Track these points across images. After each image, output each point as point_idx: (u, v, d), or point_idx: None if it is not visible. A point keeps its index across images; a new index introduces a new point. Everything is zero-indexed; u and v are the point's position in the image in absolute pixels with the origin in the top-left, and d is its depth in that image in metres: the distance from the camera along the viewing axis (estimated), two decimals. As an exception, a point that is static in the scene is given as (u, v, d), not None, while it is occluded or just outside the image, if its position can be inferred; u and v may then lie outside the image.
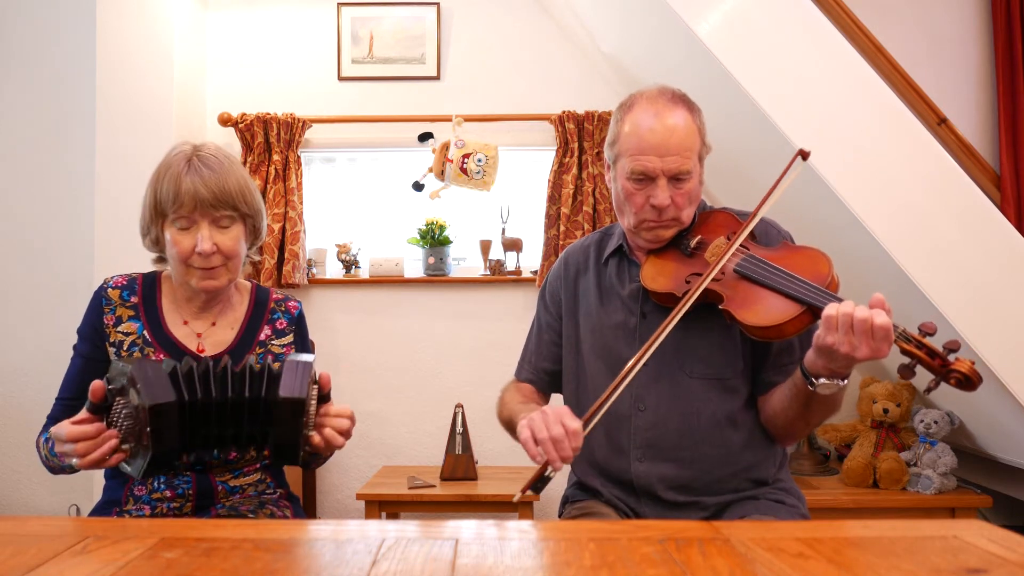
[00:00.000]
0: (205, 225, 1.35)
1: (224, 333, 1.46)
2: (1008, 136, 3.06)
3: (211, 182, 1.34)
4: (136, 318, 1.42)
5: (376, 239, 3.30)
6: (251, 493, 1.44)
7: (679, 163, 1.35)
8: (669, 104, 1.38)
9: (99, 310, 1.41)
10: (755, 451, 1.42)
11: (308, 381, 1.22)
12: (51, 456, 1.29)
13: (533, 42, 3.23)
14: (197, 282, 1.37)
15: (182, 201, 1.33)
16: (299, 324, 1.53)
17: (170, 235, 1.36)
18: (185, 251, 1.35)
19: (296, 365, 1.23)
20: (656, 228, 1.41)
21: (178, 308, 1.45)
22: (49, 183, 3.12)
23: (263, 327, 1.49)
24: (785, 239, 1.45)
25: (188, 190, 1.33)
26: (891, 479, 2.53)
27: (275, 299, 1.53)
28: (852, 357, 1.15)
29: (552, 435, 1.19)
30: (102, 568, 0.76)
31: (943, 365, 1.15)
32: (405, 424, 3.19)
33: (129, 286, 1.44)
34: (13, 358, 3.11)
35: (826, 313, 1.16)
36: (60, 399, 1.41)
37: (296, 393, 1.20)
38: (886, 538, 0.86)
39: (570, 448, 1.19)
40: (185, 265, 1.36)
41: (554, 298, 1.58)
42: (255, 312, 1.50)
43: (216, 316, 1.46)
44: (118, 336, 1.40)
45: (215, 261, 1.36)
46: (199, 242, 1.34)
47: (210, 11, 3.25)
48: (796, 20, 2.19)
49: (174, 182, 1.34)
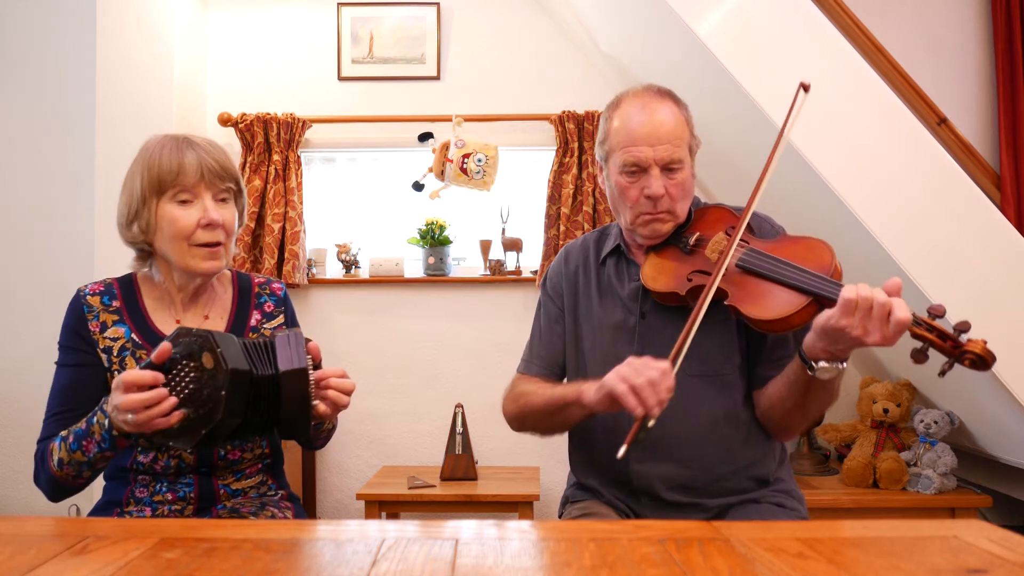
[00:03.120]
0: (208, 197, 1.34)
1: (215, 324, 1.43)
2: (1008, 136, 3.06)
3: (213, 154, 1.35)
4: (121, 322, 1.38)
5: (376, 239, 3.30)
6: (252, 495, 1.44)
7: (670, 151, 1.36)
8: (656, 97, 1.40)
9: (82, 319, 1.37)
10: (754, 448, 1.42)
11: (304, 351, 1.21)
12: (72, 454, 1.23)
13: (533, 42, 3.23)
14: (200, 263, 1.34)
15: (187, 171, 1.31)
16: (286, 304, 1.52)
17: (169, 212, 1.32)
18: (188, 226, 1.32)
19: (288, 337, 1.22)
20: (652, 221, 1.40)
21: (165, 307, 1.42)
22: (49, 183, 3.12)
23: (252, 312, 1.47)
24: (780, 232, 1.44)
25: (192, 161, 1.32)
26: (891, 479, 2.53)
27: (258, 283, 1.51)
28: (862, 342, 1.14)
29: (649, 379, 1.17)
30: (102, 568, 0.76)
31: (956, 347, 1.13)
32: (405, 424, 3.19)
33: (107, 291, 1.41)
34: (13, 358, 3.11)
35: (844, 296, 1.14)
36: (51, 416, 1.34)
37: (296, 364, 1.19)
38: (886, 538, 0.86)
39: (665, 389, 1.18)
40: (187, 244, 1.33)
41: (556, 291, 1.57)
42: (241, 299, 1.48)
43: (205, 308, 1.44)
44: (106, 342, 1.36)
45: (219, 236, 1.34)
46: (207, 211, 1.32)
47: (210, 11, 3.25)
48: (796, 20, 2.19)
49: (175, 155, 1.32)
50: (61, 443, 1.26)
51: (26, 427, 3.12)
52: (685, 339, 1.25)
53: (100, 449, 1.21)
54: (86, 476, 1.27)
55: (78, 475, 1.26)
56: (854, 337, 1.14)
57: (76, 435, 1.23)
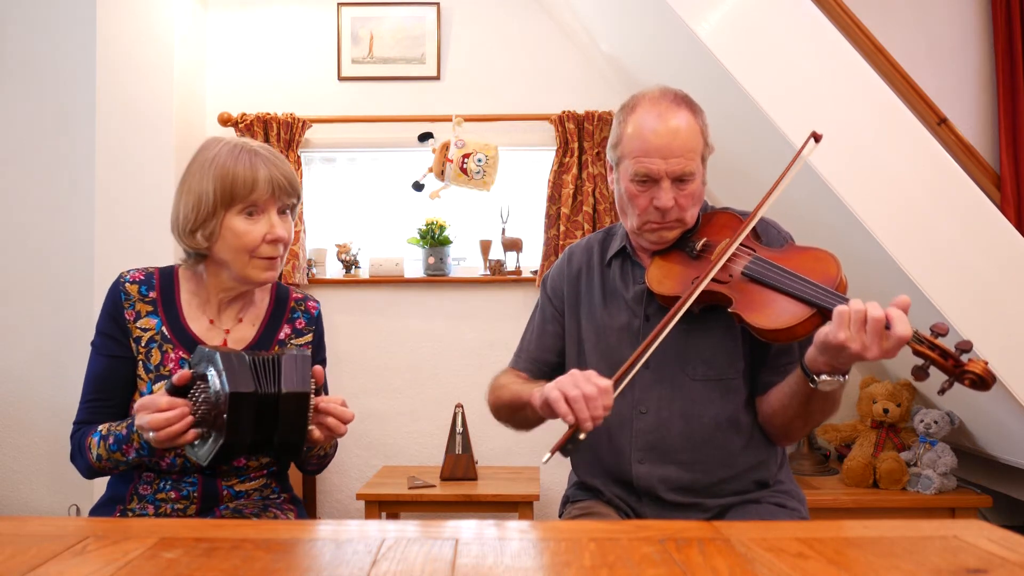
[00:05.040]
0: (274, 212, 1.35)
1: (245, 330, 1.44)
2: (1008, 136, 3.06)
3: (283, 169, 1.36)
4: (155, 314, 1.39)
5: (376, 239, 3.30)
6: (256, 498, 1.44)
7: (683, 165, 1.35)
8: (672, 105, 1.38)
9: (119, 305, 1.38)
10: (756, 452, 1.42)
11: (309, 375, 1.21)
12: (111, 453, 1.28)
13: (533, 42, 3.23)
14: (260, 274, 1.35)
15: (261, 187, 1.32)
16: (318, 324, 1.52)
17: (236, 225, 1.32)
18: (254, 240, 1.33)
19: (296, 359, 1.22)
20: (659, 230, 1.41)
21: (202, 304, 1.42)
22: (49, 183, 3.13)
23: (283, 326, 1.48)
24: (788, 239, 1.45)
25: (265, 176, 1.32)
26: (891, 479, 2.53)
27: (295, 298, 1.51)
28: (862, 357, 1.14)
29: (584, 393, 1.18)
30: (102, 568, 0.76)
31: (956, 366, 1.14)
32: (405, 424, 3.19)
33: (147, 280, 1.41)
34: (13, 358, 3.11)
35: (839, 312, 1.15)
36: (87, 401, 1.38)
37: (299, 387, 1.19)
38: (886, 538, 0.86)
39: (601, 407, 1.19)
40: (250, 256, 1.34)
41: (556, 292, 1.57)
42: (275, 310, 1.48)
43: (241, 312, 1.44)
44: (137, 332, 1.37)
45: (280, 250, 1.36)
46: (273, 228, 1.33)
47: (210, 11, 3.25)
48: (796, 20, 2.19)
49: (249, 169, 1.32)
50: (100, 442, 1.30)
51: (26, 427, 3.12)
52: (640, 355, 1.28)
53: (138, 455, 1.28)
54: (122, 469, 1.34)
55: (115, 468, 1.32)
56: (854, 353, 1.14)
57: (116, 438, 1.28)
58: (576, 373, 1.22)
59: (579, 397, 1.18)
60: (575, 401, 1.18)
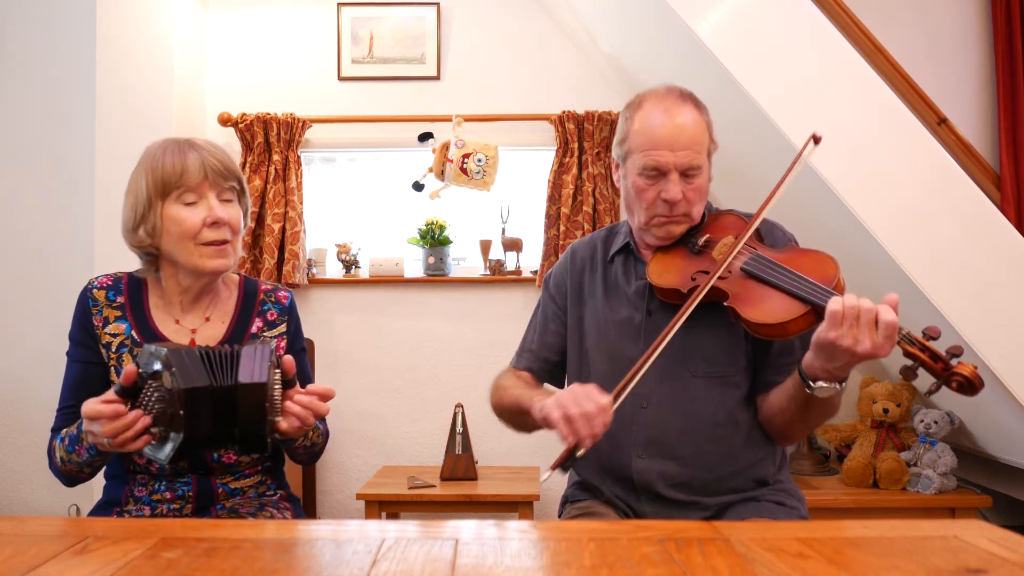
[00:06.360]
0: (212, 197, 1.35)
1: (215, 328, 1.43)
2: (1008, 136, 3.06)
3: (215, 154, 1.36)
4: (123, 319, 1.39)
5: (376, 239, 3.29)
6: (251, 495, 1.44)
7: (690, 157, 1.36)
8: (678, 101, 1.40)
9: (87, 312, 1.39)
10: (755, 450, 1.43)
11: (268, 365, 1.20)
12: (69, 455, 1.28)
13: (533, 42, 3.23)
14: (208, 261, 1.35)
15: (190, 171, 1.32)
16: (291, 314, 1.51)
17: (174, 213, 1.33)
18: (195, 226, 1.33)
19: (255, 350, 1.22)
20: (667, 223, 1.42)
21: (167, 307, 1.42)
22: (49, 183, 3.13)
23: (254, 319, 1.47)
24: (791, 241, 1.46)
25: (195, 161, 1.33)
26: (891, 479, 2.53)
27: (264, 290, 1.50)
28: (854, 352, 1.15)
29: (584, 411, 1.19)
30: (102, 568, 0.76)
31: (945, 369, 1.15)
32: (405, 424, 3.19)
33: (114, 286, 1.42)
34: (13, 359, 3.11)
35: (830, 307, 1.16)
36: (62, 408, 1.38)
37: (256, 378, 1.19)
38: (886, 538, 0.86)
39: (600, 424, 1.19)
40: (194, 243, 1.34)
41: (559, 289, 1.58)
42: (244, 304, 1.47)
43: (207, 310, 1.44)
44: (107, 338, 1.38)
45: (225, 234, 1.35)
46: (212, 210, 1.33)
47: (210, 11, 3.25)
48: (796, 20, 2.19)
49: (177, 156, 1.33)
50: (60, 444, 1.31)
51: (26, 427, 3.12)
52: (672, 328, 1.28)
53: (90, 456, 1.27)
54: (87, 472, 1.32)
55: (79, 471, 1.31)
56: (845, 348, 1.15)
57: (71, 439, 1.28)
58: (576, 389, 1.23)
59: (579, 416, 1.19)
60: (575, 420, 1.19)
